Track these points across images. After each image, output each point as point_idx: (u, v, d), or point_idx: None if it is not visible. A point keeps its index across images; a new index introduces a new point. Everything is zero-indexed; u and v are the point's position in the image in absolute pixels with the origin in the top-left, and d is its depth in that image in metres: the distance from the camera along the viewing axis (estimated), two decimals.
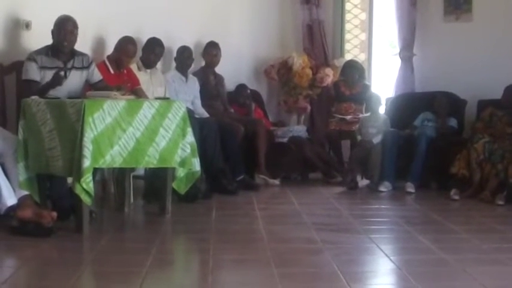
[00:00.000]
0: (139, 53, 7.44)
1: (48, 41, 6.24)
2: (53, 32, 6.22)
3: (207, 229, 5.66)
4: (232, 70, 8.71)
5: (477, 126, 7.66)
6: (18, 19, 6.68)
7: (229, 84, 8.66)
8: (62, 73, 5.95)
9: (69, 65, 6.23)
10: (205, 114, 7.84)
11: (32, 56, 6.14)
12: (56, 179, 5.78)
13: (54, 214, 5.31)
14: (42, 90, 5.94)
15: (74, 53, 6.30)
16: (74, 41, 6.26)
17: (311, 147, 8.42)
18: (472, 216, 6.46)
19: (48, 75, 6.09)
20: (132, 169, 6.36)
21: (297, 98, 9.14)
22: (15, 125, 5.82)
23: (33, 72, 6.10)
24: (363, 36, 9.68)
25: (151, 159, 5.72)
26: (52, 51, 6.20)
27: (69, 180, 5.55)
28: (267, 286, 4.17)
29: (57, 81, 5.92)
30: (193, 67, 8.17)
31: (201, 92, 8.02)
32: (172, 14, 8.16)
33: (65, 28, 6.17)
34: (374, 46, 9.65)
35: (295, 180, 8.54)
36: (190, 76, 8.00)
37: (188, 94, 7.80)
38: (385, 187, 7.67)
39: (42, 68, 6.12)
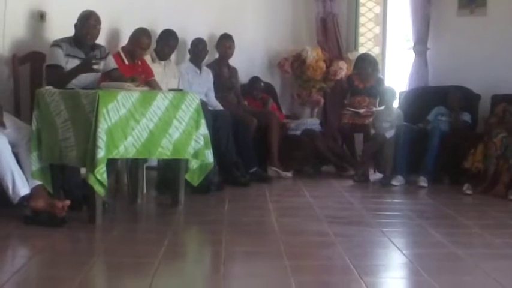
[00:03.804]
0: (153, 45, 7.44)
1: (63, 31, 6.26)
2: (76, 25, 6.23)
3: (219, 221, 5.67)
4: (246, 62, 8.71)
5: (492, 121, 7.63)
6: (33, 10, 6.68)
7: (243, 77, 8.67)
8: (95, 60, 5.97)
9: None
10: (219, 107, 7.85)
11: (58, 43, 6.15)
12: (69, 169, 5.80)
13: (67, 202, 5.33)
14: (70, 74, 5.99)
15: (94, 46, 6.32)
16: (97, 35, 6.30)
17: (324, 140, 8.41)
18: (485, 211, 6.44)
19: (71, 63, 6.10)
20: (146, 160, 6.38)
21: (310, 91, 9.15)
22: (29, 115, 5.83)
23: (60, 58, 6.10)
24: (377, 30, 9.66)
25: (164, 150, 5.73)
26: (74, 42, 6.22)
27: (83, 170, 5.56)
28: (279, 278, 4.17)
29: (89, 65, 5.94)
30: (207, 59, 8.17)
31: (214, 84, 8.02)
32: (187, 6, 8.17)
33: (88, 23, 6.19)
34: (388, 40, 9.63)
35: (307, 173, 8.53)
36: (204, 68, 8.01)
37: (202, 86, 7.80)
38: (397, 181, 7.66)
39: (67, 55, 6.14)
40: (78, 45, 6.22)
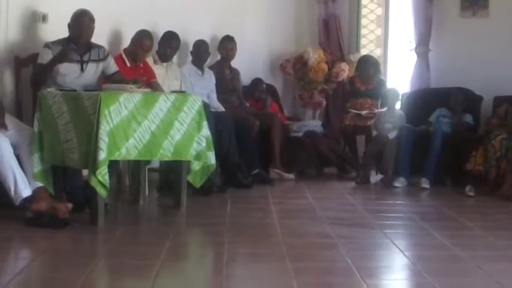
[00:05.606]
0: (155, 47, 7.44)
1: (64, 33, 6.24)
2: (69, 25, 6.22)
3: (221, 223, 5.67)
4: (247, 64, 8.70)
5: (493, 122, 7.64)
6: (34, 12, 6.69)
7: (245, 79, 8.66)
8: (79, 64, 5.96)
9: (85, 58, 6.23)
10: (221, 108, 7.84)
11: (48, 45, 6.15)
12: (71, 171, 5.80)
13: (70, 205, 5.33)
14: (48, 66, 6.02)
15: (90, 46, 6.30)
16: (90, 35, 6.26)
17: (326, 142, 8.41)
18: (487, 213, 6.43)
19: (62, 66, 6.09)
20: (148, 162, 6.38)
21: (312, 92, 9.14)
22: (31, 117, 5.83)
23: (46, 58, 6.09)
24: (379, 31, 9.65)
25: (166, 152, 5.72)
26: (68, 43, 6.20)
27: (85, 172, 5.56)
28: (281, 280, 4.17)
29: (63, 55, 5.95)
30: (209, 61, 8.17)
31: (216, 86, 8.01)
32: (189, 7, 8.16)
33: (81, 22, 6.17)
34: (390, 41, 9.62)
35: (309, 174, 8.53)
36: (206, 70, 8.00)
37: (204, 88, 7.79)
38: (399, 183, 7.65)
39: None
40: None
